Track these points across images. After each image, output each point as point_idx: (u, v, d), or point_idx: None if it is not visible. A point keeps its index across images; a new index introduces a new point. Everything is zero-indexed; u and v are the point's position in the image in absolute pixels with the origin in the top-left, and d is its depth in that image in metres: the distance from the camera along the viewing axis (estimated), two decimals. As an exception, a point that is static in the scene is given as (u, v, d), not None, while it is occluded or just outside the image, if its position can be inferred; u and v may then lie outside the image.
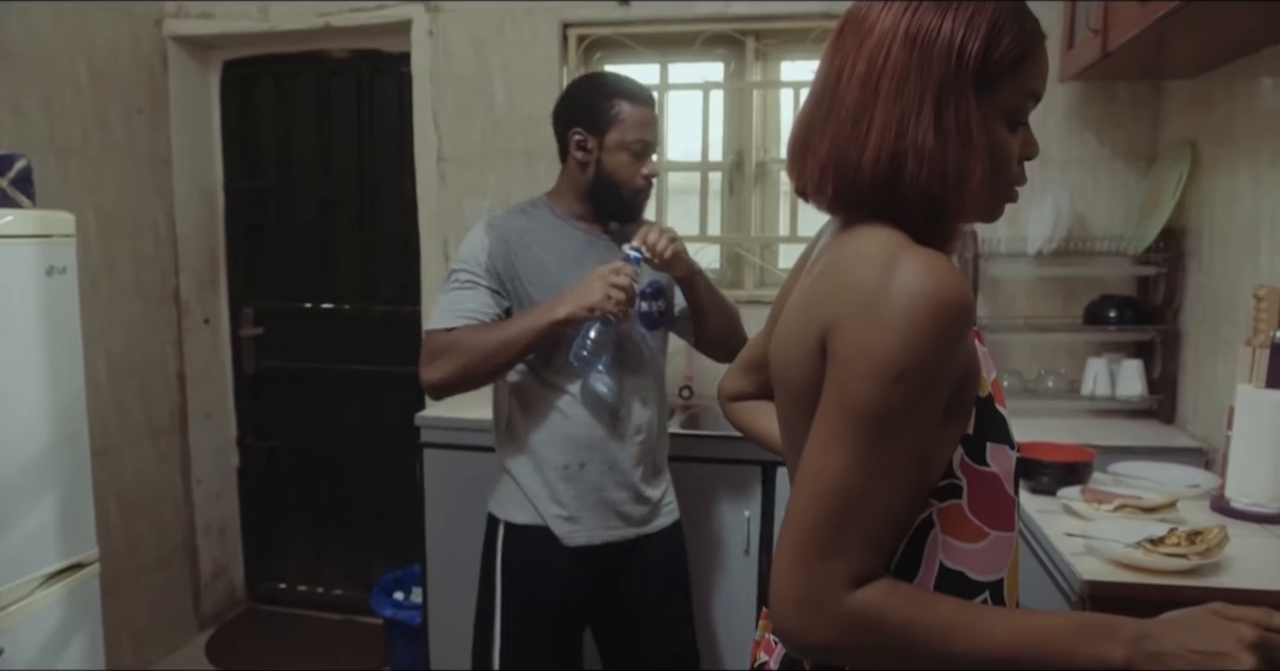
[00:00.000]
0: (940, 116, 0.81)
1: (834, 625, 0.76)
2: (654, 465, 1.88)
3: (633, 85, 1.79)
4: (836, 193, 0.86)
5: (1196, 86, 2.20)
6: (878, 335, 0.75)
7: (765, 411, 1.22)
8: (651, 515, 1.88)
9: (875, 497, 0.77)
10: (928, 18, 0.82)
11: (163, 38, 2.97)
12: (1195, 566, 1.33)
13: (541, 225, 1.82)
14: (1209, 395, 2.10)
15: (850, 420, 0.76)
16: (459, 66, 2.83)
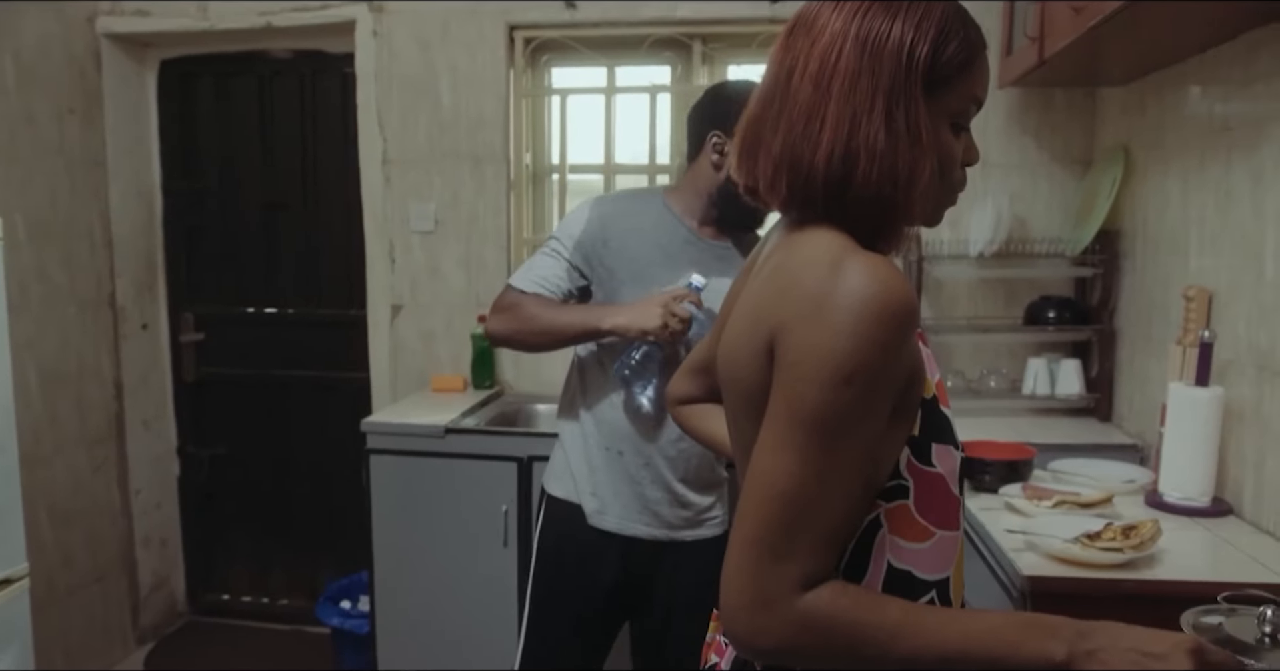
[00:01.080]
0: (891, 117, 0.82)
1: (785, 627, 0.76)
2: (699, 473, 1.82)
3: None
4: (790, 190, 0.86)
5: (1129, 93, 2.26)
6: (825, 339, 0.76)
7: (714, 414, 1.22)
8: (691, 523, 1.83)
9: (824, 500, 0.77)
10: (878, 21, 0.83)
11: (96, 35, 2.89)
12: (1130, 559, 1.37)
13: (649, 213, 1.80)
14: (1143, 393, 2.16)
15: (798, 423, 0.77)
16: (404, 68, 2.80)
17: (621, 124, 2.83)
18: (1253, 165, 1.65)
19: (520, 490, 2.35)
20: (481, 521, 2.36)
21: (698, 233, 1.79)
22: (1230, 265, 1.73)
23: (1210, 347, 1.64)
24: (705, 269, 1.74)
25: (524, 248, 2.89)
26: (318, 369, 3.11)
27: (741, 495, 0.81)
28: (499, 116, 2.78)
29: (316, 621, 2.81)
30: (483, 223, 2.82)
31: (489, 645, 2.38)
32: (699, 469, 1.81)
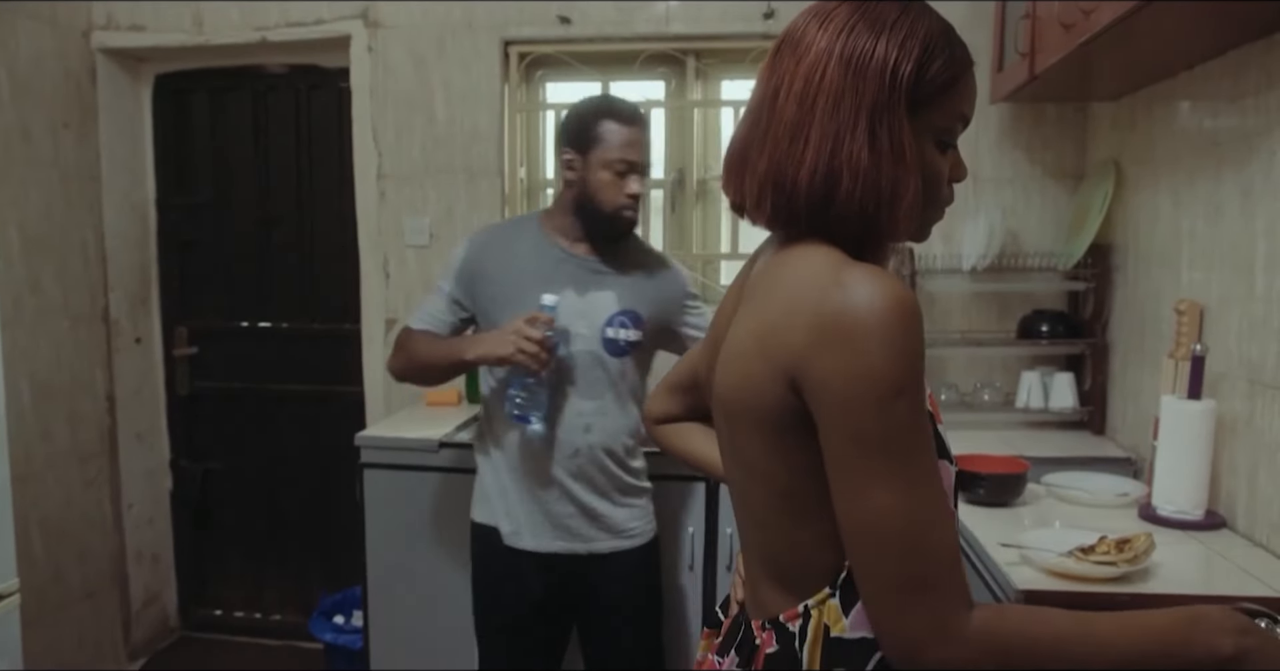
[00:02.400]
0: (874, 135, 0.82)
1: (966, 650, 0.75)
2: (609, 485, 1.88)
3: (622, 105, 1.83)
4: (775, 208, 0.87)
5: (1119, 108, 2.28)
6: (861, 362, 0.75)
7: (695, 433, 1.21)
8: (608, 535, 1.89)
9: (932, 516, 0.76)
10: (862, 40, 0.84)
11: (91, 50, 2.90)
12: (1124, 573, 1.37)
13: (523, 238, 1.88)
14: (1136, 406, 2.17)
15: (871, 454, 0.76)
16: (399, 83, 2.81)
17: (616, 138, 2.83)
18: (1242, 179, 1.66)
19: (514, 504, 2.34)
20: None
21: (571, 250, 1.85)
22: (1221, 279, 1.74)
23: (1202, 361, 1.65)
24: (582, 285, 1.83)
25: (518, 261, 2.89)
26: (311, 383, 3.10)
27: (852, 546, 0.79)
28: (493, 131, 2.79)
29: (310, 637, 2.79)
30: (477, 237, 2.82)
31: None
32: (605, 481, 1.87)
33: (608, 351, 1.84)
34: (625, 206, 1.80)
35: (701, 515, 2.27)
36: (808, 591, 0.88)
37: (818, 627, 0.87)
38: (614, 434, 1.88)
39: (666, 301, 1.91)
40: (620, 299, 1.85)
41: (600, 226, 1.83)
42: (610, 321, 1.83)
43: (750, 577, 0.97)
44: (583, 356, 1.83)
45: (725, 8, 2.65)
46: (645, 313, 1.86)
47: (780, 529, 0.89)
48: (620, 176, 1.78)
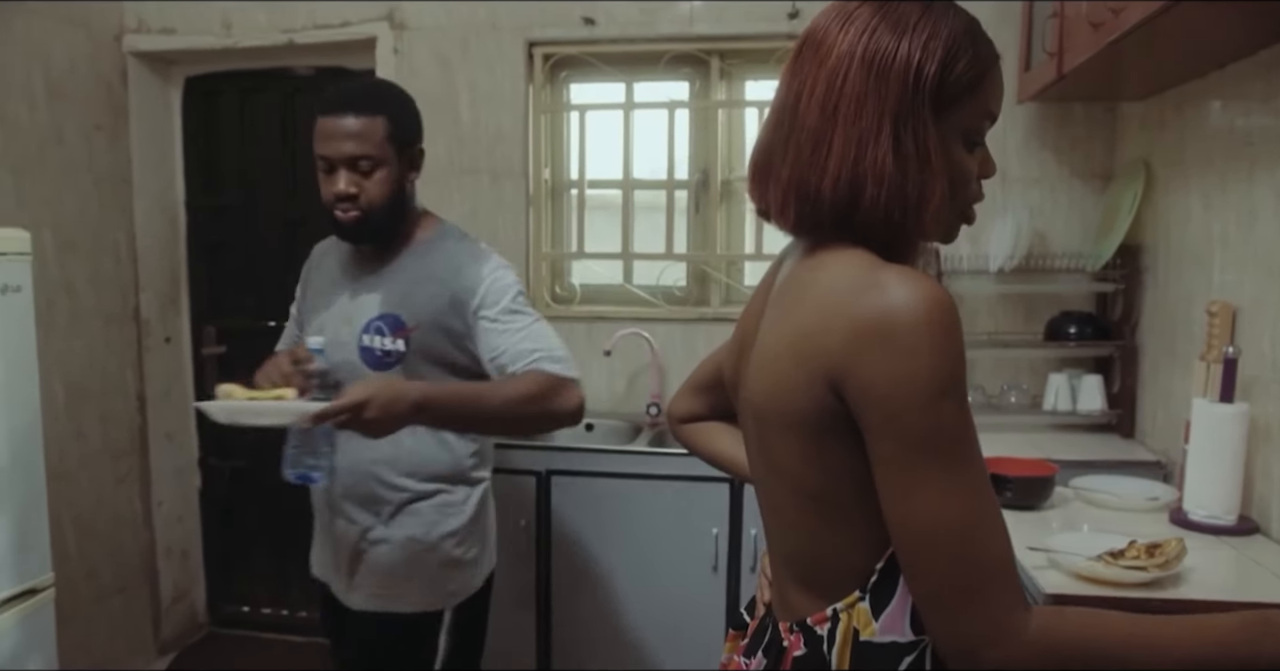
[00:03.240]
0: (899, 139, 0.81)
1: (1026, 650, 0.75)
2: (357, 519, 1.64)
3: (331, 93, 1.60)
4: (799, 216, 0.86)
5: (1149, 108, 2.26)
6: (904, 364, 0.75)
7: (721, 433, 1.21)
8: (358, 585, 1.65)
9: (985, 516, 0.76)
10: (884, 41, 0.82)
11: (122, 53, 2.94)
12: (1155, 578, 1.35)
13: (340, 246, 1.73)
14: (1166, 409, 2.14)
15: (920, 455, 0.76)
16: (424, 84, 2.83)
17: (640, 139, 2.84)
18: (1276, 180, 1.64)
19: (539, 503, 2.35)
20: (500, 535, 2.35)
21: (359, 250, 1.69)
22: (1254, 280, 1.72)
23: (1235, 363, 1.63)
24: (356, 287, 1.65)
25: (543, 262, 2.91)
26: (338, 382, 3.12)
27: (904, 549, 0.79)
28: (518, 132, 2.80)
29: (335, 634, 2.81)
30: (502, 238, 2.83)
31: (504, 657, 2.38)
32: (353, 514, 1.65)
33: (365, 362, 1.60)
34: (333, 207, 1.58)
35: (725, 516, 2.27)
36: (836, 594, 0.87)
37: (847, 631, 0.86)
38: (373, 461, 1.62)
39: (445, 308, 1.59)
40: (384, 302, 1.61)
41: (333, 229, 1.64)
42: (367, 327, 1.61)
43: (778, 579, 0.97)
44: (344, 367, 1.59)
45: (749, 8, 2.64)
46: (411, 318, 1.59)
47: (810, 532, 0.88)
48: (326, 174, 1.57)
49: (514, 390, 1.49)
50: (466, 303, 1.58)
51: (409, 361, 1.58)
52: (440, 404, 1.41)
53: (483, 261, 1.62)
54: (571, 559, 2.38)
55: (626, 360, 2.78)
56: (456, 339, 1.59)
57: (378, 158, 1.56)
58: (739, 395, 0.98)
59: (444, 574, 1.65)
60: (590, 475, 2.35)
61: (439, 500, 1.65)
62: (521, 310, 1.59)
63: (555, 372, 1.52)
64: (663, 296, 2.86)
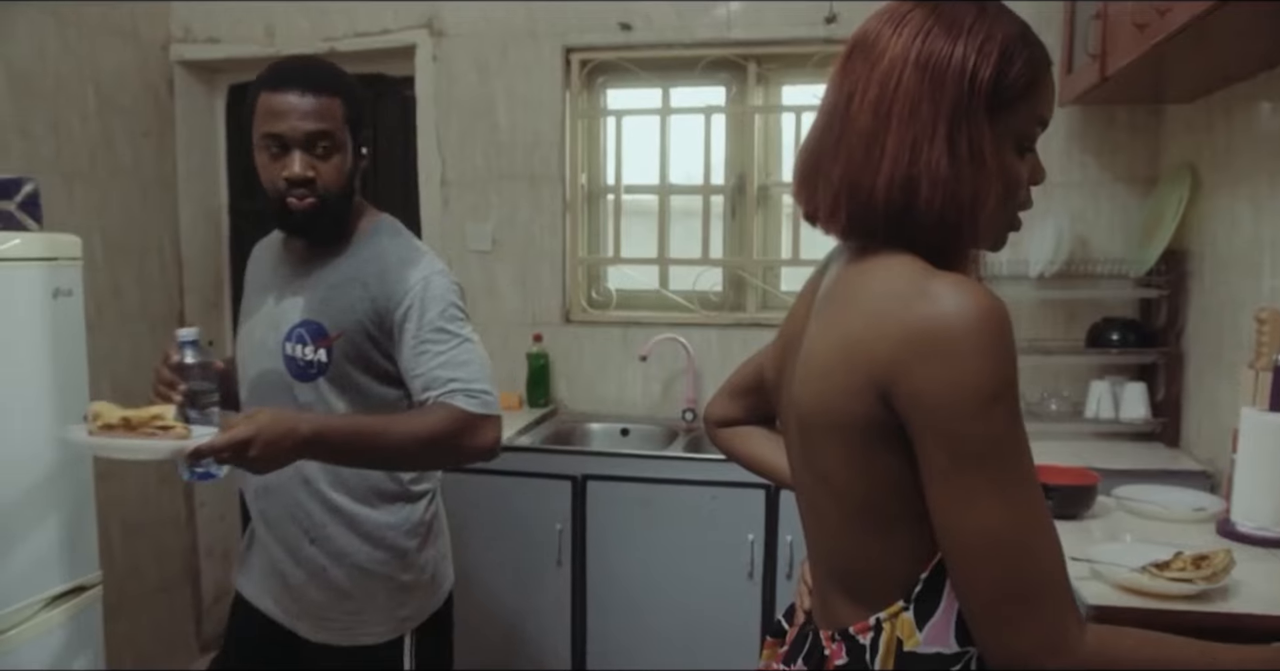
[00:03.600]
0: (954, 141, 0.81)
1: (1082, 665, 0.75)
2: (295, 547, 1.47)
3: (279, 69, 1.44)
4: (850, 218, 0.85)
5: (1195, 111, 2.22)
6: (956, 371, 0.74)
7: (760, 437, 1.20)
8: (303, 612, 1.49)
9: (1035, 524, 0.75)
10: (939, 44, 0.82)
11: (169, 62, 3.00)
12: (1202, 591, 1.32)
13: (276, 244, 1.59)
14: (1213, 418, 2.10)
15: (972, 463, 0.75)
16: (463, 91, 2.86)
17: (676, 144, 2.85)
18: (1328, 185, 1.61)
19: (574, 508, 2.36)
20: (536, 539, 2.38)
21: (287, 251, 1.54)
22: (1305, 287, 1.68)
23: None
24: (282, 290, 1.49)
25: (579, 267, 2.92)
26: (376, 385, 3.16)
27: (955, 561, 0.77)
28: (555, 138, 2.82)
29: (372, 635, 2.84)
30: (539, 243, 2.85)
31: (541, 661, 2.39)
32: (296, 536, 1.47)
33: (290, 372, 1.45)
34: (284, 193, 1.40)
35: (761, 522, 2.26)
36: (880, 603, 0.87)
37: (890, 641, 0.86)
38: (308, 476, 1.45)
39: (367, 316, 1.42)
40: (306, 307, 1.45)
41: (277, 222, 1.48)
42: (290, 334, 1.45)
43: (819, 587, 0.96)
44: (269, 376, 1.47)
45: (787, 12, 2.64)
46: (333, 326, 1.42)
47: (854, 540, 0.87)
48: (274, 156, 1.40)
49: (421, 427, 1.33)
50: (390, 312, 1.41)
51: (333, 372, 1.42)
52: (333, 440, 1.26)
53: (411, 265, 1.44)
54: (607, 564, 2.38)
55: (662, 365, 2.78)
56: (382, 348, 1.44)
57: (337, 139, 1.41)
58: (782, 400, 0.98)
59: (394, 600, 1.50)
60: (626, 480, 2.35)
61: (378, 520, 1.48)
62: (447, 328, 1.41)
63: (468, 410, 1.35)
64: (699, 301, 2.86)
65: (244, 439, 1.16)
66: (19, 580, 1.79)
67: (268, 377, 1.46)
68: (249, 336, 1.52)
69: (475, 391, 1.38)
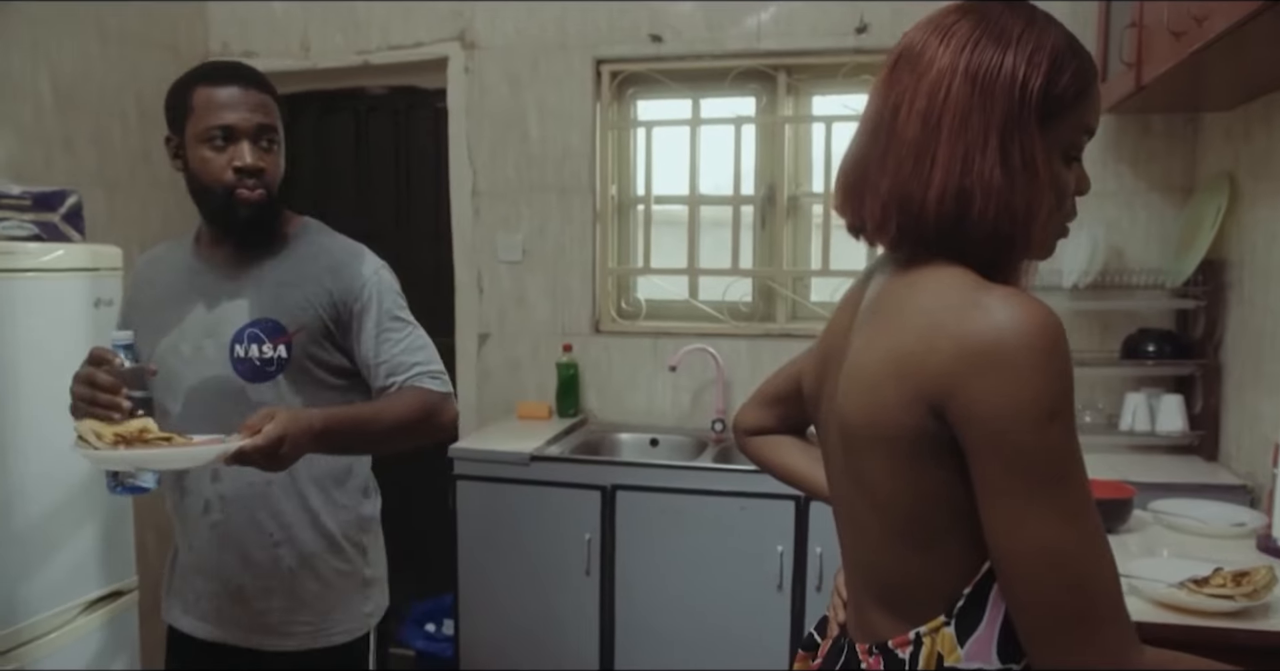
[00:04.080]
0: (1006, 152, 0.80)
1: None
2: (259, 556, 1.44)
3: (214, 65, 1.48)
4: (901, 230, 0.84)
5: (1233, 119, 2.19)
6: (1012, 386, 0.73)
7: (791, 447, 1.19)
8: (264, 625, 1.45)
9: (1093, 543, 0.74)
10: (988, 54, 0.81)
11: (208, 76, 3.05)
12: (1242, 608, 1.30)
13: (173, 256, 1.54)
14: (1253, 431, 2.06)
15: (1028, 480, 0.74)
16: (494, 102, 2.88)
17: (706, 155, 2.85)
18: (1371, 194, 1.57)
19: (604, 518, 2.36)
20: (565, 549, 2.38)
21: (210, 258, 1.48)
22: (1348, 298, 1.65)
23: (1327, 385, 1.56)
24: (212, 297, 1.45)
25: (609, 278, 2.93)
26: (407, 394, 3.18)
27: (1011, 579, 0.76)
28: (585, 149, 2.83)
29: (401, 643, 2.86)
30: (569, 253, 2.87)
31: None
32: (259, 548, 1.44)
33: (241, 374, 1.42)
34: (234, 184, 1.39)
35: (791, 534, 2.25)
36: (920, 618, 0.85)
37: (930, 656, 0.84)
38: (262, 484, 1.42)
39: (325, 310, 1.44)
40: (254, 308, 1.43)
41: (219, 219, 1.44)
42: (239, 336, 1.42)
43: (856, 600, 0.95)
44: (212, 383, 1.43)
45: (817, 23, 2.64)
46: (290, 322, 1.43)
47: (895, 553, 0.86)
48: (219, 149, 1.39)
49: (404, 410, 1.40)
50: (348, 304, 1.45)
51: (292, 368, 1.43)
52: (341, 431, 1.32)
53: (362, 260, 1.49)
54: (635, 574, 2.38)
55: (691, 376, 2.78)
56: (337, 341, 1.46)
57: (279, 135, 1.44)
58: (819, 410, 0.97)
59: (360, 596, 1.51)
60: (655, 491, 2.35)
61: (340, 517, 1.49)
62: (401, 316, 1.48)
63: (434, 389, 1.44)
64: (728, 312, 2.85)
65: (278, 437, 1.19)
66: (58, 585, 1.82)
67: (210, 385, 1.43)
68: (173, 351, 1.46)
69: (436, 372, 1.46)
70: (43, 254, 1.83)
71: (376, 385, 1.45)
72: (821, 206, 2.79)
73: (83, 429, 1.22)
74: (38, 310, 1.80)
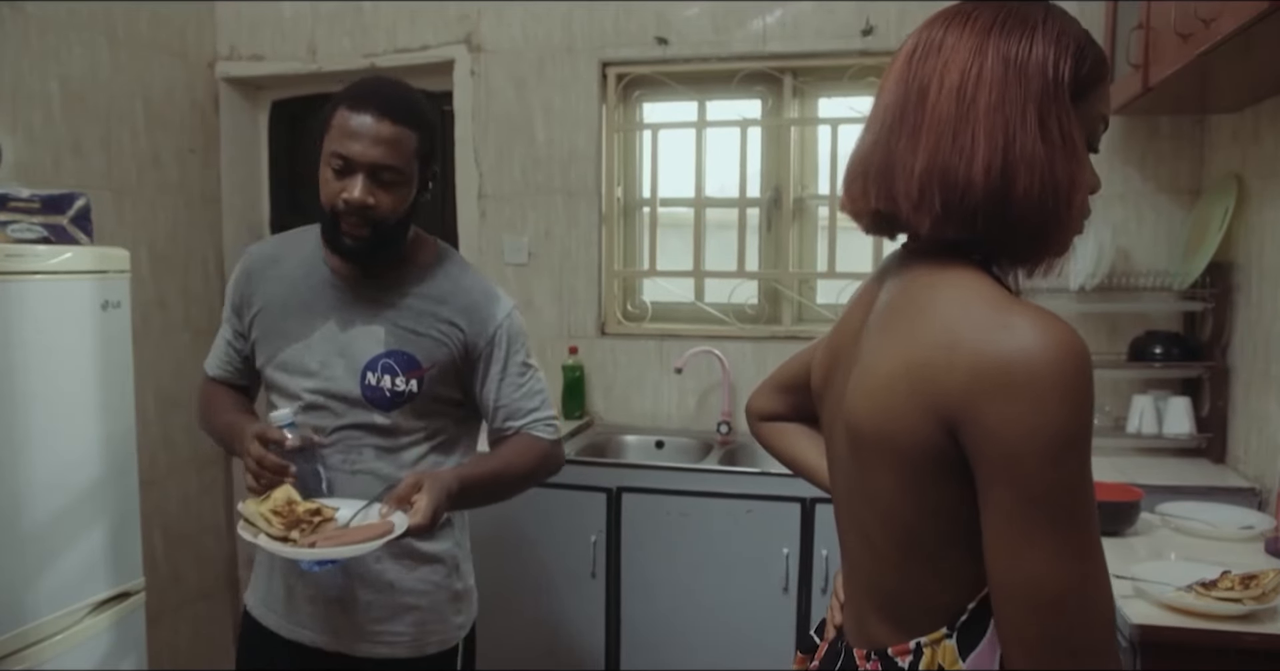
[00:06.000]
0: (1045, 126, 0.79)
1: None
2: (363, 569, 1.43)
3: (365, 88, 1.41)
4: (946, 208, 0.80)
5: (1241, 120, 2.18)
6: (1033, 412, 0.71)
7: (802, 436, 1.18)
8: (360, 633, 1.45)
9: (1095, 579, 0.73)
10: (1015, 37, 0.80)
11: (215, 79, 3.07)
12: (1250, 611, 1.30)
13: (299, 253, 1.51)
14: (1261, 433, 2.05)
15: (1038, 509, 0.72)
16: (500, 105, 2.89)
17: (712, 157, 2.85)
18: (1380, 196, 1.57)
19: (610, 521, 2.36)
20: (570, 551, 2.38)
21: (339, 269, 1.46)
22: (1356, 300, 1.64)
23: (1335, 387, 1.56)
24: (345, 316, 1.44)
25: (615, 280, 2.93)
26: (413, 396, 3.19)
27: (1004, 604, 0.75)
28: (591, 151, 2.84)
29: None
30: (575, 256, 2.87)
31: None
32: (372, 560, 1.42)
33: (370, 401, 1.42)
34: (341, 213, 1.36)
35: (797, 536, 2.25)
36: (921, 628, 0.84)
37: (930, 666, 0.83)
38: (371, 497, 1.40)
39: (458, 350, 1.44)
40: (389, 338, 1.42)
41: (328, 241, 1.42)
42: (373, 364, 1.42)
43: (856, 606, 0.94)
44: (336, 400, 1.43)
45: (822, 25, 2.64)
46: (425, 358, 1.42)
47: (897, 564, 0.85)
48: (338, 174, 1.36)
49: (523, 464, 1.46)
50: (479, 346, 1.46)
51: (419, 401, 1.44)
52: (472, 490, 1.35)
53: (496, 302, 1.49)
54: (641, 576, 2.37)
55: (698, 378, 2.78)
56: (463, 379, 1.47)
57: (405, 173, 1.38)
58: (825, 408, 0.96)
59: (452, 608, 1.52)
60: (661, 493, 2.35)
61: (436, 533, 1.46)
62: (528, 362, 1.50)
63: (547, 438, 1.49)
64: (734, 314, 2.85)
65: (435, 512, 1.24)
66: (66, 586, 1.83)
67: (334, 402, 1.43)
68: (298, 361, 1.45)
69: (550, 420, 1.51)
70: (51, 256, 1.83)
71: (494, 426, 1.49)
72: (827, 208, 2.79)
73: (249, 512, 1.23)
74: (46, 312, 1.81)
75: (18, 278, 1.76)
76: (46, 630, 1.78)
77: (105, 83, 2.63)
